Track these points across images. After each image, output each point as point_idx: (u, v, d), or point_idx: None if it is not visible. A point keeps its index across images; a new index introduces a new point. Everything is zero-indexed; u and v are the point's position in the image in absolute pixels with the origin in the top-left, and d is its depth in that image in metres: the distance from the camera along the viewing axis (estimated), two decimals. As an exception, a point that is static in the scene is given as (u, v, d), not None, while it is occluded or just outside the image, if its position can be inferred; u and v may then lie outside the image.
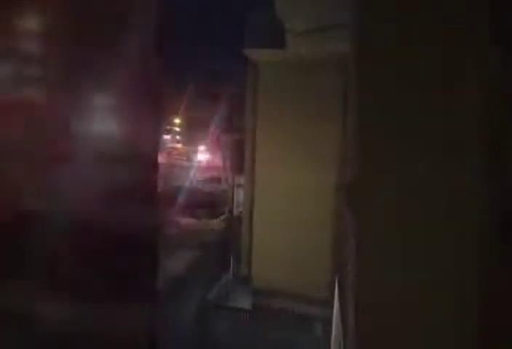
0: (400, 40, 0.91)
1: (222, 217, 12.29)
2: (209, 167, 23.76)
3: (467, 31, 0.87)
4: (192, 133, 31.42)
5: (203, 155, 28.37)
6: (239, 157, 8.50)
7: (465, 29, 0.87)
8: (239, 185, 9.24)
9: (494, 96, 0.90)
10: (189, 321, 6.24)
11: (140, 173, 0.99)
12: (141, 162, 1.00)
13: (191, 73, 24.76)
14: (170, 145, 35.71)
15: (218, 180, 16.88)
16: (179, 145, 36.10)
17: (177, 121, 35.94)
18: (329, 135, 6.05)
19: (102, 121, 0.96)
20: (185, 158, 31.42)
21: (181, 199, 13.02)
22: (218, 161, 25.37)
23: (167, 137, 37.11)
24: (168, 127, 36.34)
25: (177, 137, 37.26)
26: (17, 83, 0.81)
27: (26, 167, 0.81)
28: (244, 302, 6.85)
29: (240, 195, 8.91)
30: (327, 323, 5.75)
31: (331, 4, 4.94)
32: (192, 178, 17.02)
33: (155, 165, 1.11)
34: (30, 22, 0.84)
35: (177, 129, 37.01)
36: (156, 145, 1.13)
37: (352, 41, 1.03)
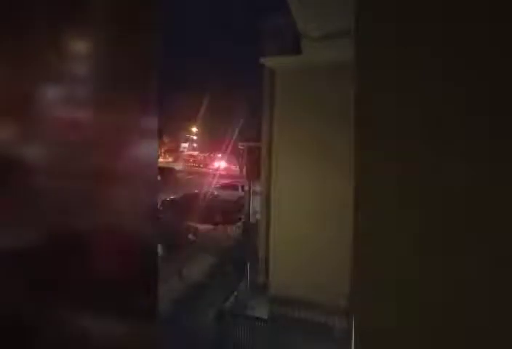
0: (400, 40, 0.91)
1: (238, 224, 12.30)
2: (225, 174, 23.94)
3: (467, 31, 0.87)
4: (209, 141, 31.82)
5: (219, 163, 28.66)
6: (255, 164, 8.51)
7: (465, 29, 0.87)
8: (255, 192, 9.24)
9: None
10: (205, 329, 6.20)
11: (139, 188, 0.99)
12: (141, 177, 1.00)
13: (208, 81, 25.17)
14: (187, 153, 36.25)
15: (235, 187, 16.95)
16: (196, 153, 36.59)
17: (194, 129, 36.46)
18: (348, 141, 5.95)
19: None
20: (202, 166, 31.81)
21: (198, 206, 13.14)
22: (234, 168, 25.57)
23: (185, 145, 37.73)
24: (185, 135, 36.94)
25: (194, 145, 37.77)
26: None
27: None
28: (261, 311, 6.75)
29: (256, 202, 8.89)
30: (345, 333, 5.60)
31: (346, 9, 4.93)
32: (209, 185, 17.15)
33: (155, 179, 1.11)
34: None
35: (194, 137, 37.54)
36: (155, 160, 1.12)
37: (354, 41, 1.03)
